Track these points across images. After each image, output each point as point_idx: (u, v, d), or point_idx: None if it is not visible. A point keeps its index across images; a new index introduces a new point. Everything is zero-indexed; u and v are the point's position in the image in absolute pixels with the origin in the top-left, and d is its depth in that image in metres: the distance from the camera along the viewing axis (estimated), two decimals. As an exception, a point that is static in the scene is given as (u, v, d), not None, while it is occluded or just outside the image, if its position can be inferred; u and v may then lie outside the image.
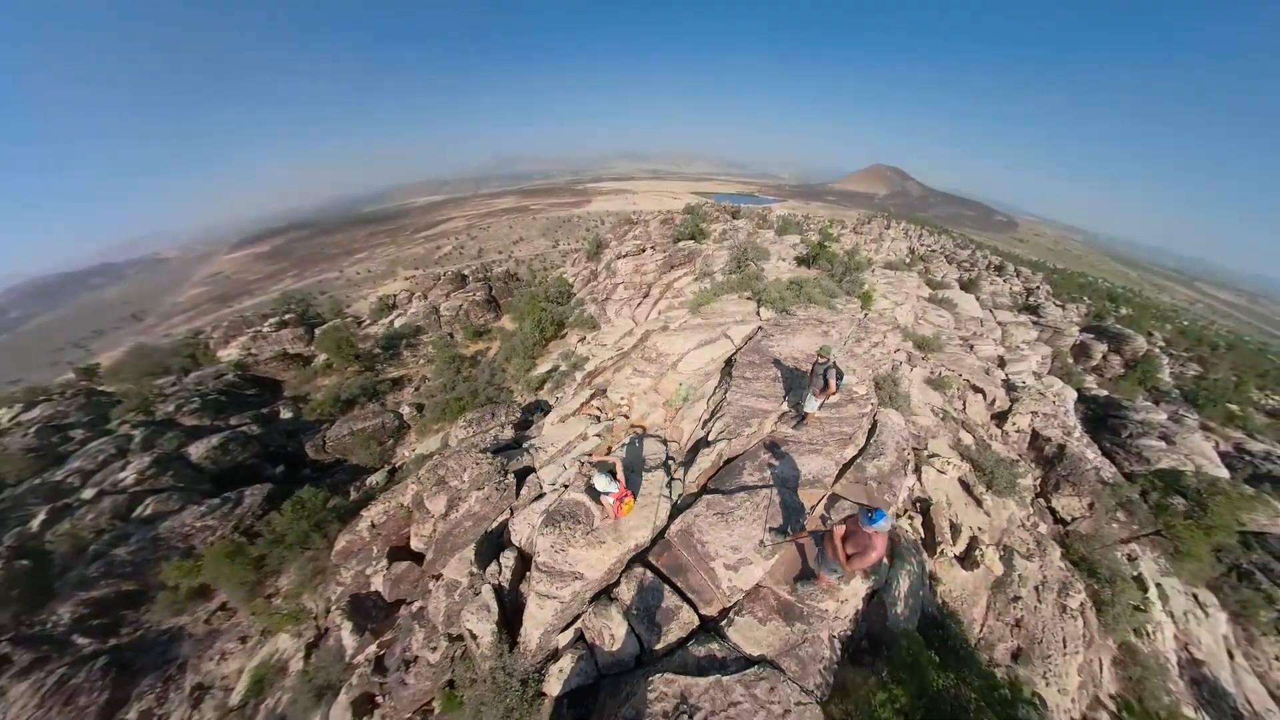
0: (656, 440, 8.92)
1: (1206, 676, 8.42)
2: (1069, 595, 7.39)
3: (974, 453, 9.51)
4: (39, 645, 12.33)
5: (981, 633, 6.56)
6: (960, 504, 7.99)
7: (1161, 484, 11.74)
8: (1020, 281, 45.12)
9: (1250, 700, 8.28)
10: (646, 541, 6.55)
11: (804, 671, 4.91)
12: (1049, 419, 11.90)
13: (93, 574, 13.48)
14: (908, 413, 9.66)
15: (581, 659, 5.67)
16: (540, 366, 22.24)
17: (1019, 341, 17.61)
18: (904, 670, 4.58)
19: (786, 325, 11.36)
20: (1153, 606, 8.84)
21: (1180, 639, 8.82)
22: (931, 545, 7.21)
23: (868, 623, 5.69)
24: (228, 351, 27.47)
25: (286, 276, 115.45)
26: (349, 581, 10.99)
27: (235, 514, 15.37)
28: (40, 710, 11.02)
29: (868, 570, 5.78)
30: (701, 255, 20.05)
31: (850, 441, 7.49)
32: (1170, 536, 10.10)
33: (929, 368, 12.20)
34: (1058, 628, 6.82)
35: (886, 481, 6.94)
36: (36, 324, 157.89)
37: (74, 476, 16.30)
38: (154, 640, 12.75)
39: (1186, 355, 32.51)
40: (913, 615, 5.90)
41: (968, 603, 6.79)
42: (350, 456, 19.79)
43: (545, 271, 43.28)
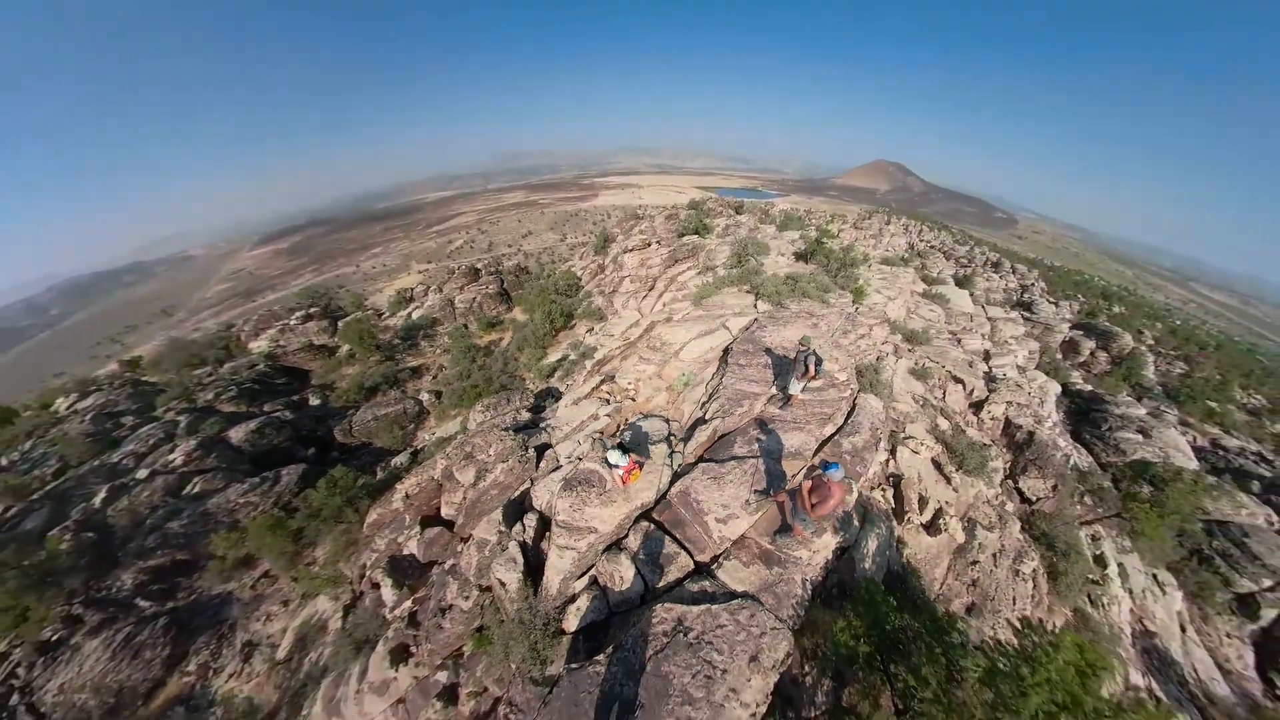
0: (660, 420, 9.61)
1: (1158, 647, 8.97)
2: (1023, 562, 7.93)
3: (948, 436, 9.99)
4: (107, 607, 13.41)
5: (940, 590, 7.13)
6: (931, 480, 8.50)
7: (1131, 473, 12.27)
8: (1016, 278, 44.83)
9: (1197, 670, 8.85)
10: (651, 501, 7.30)
11: (779, 604, 5.66)
12: (1022, 409, 12.35)
13: (150, 545, 14.52)
14: (888, 399, 10.15)
15: (595, 599, 6.40)
16: (551, 356, 22.82)
17: (1007, 337, 17.92)
18: (862, 606, 5.19)
19: (779, 317, 11.84)
20: (1111, 583, 9.34)
21: (1136, 613, 9.35)
22: (900, 514, 7.78)
23: (839, 574, 6.35)
24: (258, 343, 28.52)
25: (306, 271, 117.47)
26: (383, 549, 11.80)
27: (274, 491, 16.33)
28: (112, 663, 12.08)
29: (833, 522, 6.42)
30: (704, 250, 20.40)
31: (829, 421, 8.16)
32: (1129, 518, 10.61)
33: (914, 359, 12.62)
34: (1009, 588, 7.39)
35: (859, 455, 7.65)
36: (75, 320, 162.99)
37: (128, 458, 17.38)
38: (207, 603, 13.77)
39: (1174, 354, 32.67)
40: (879, 570, 6.52)
41: (930, 564, 7.35)
42: (375, 440, 20.68)
43: (554, 265, 43.80)
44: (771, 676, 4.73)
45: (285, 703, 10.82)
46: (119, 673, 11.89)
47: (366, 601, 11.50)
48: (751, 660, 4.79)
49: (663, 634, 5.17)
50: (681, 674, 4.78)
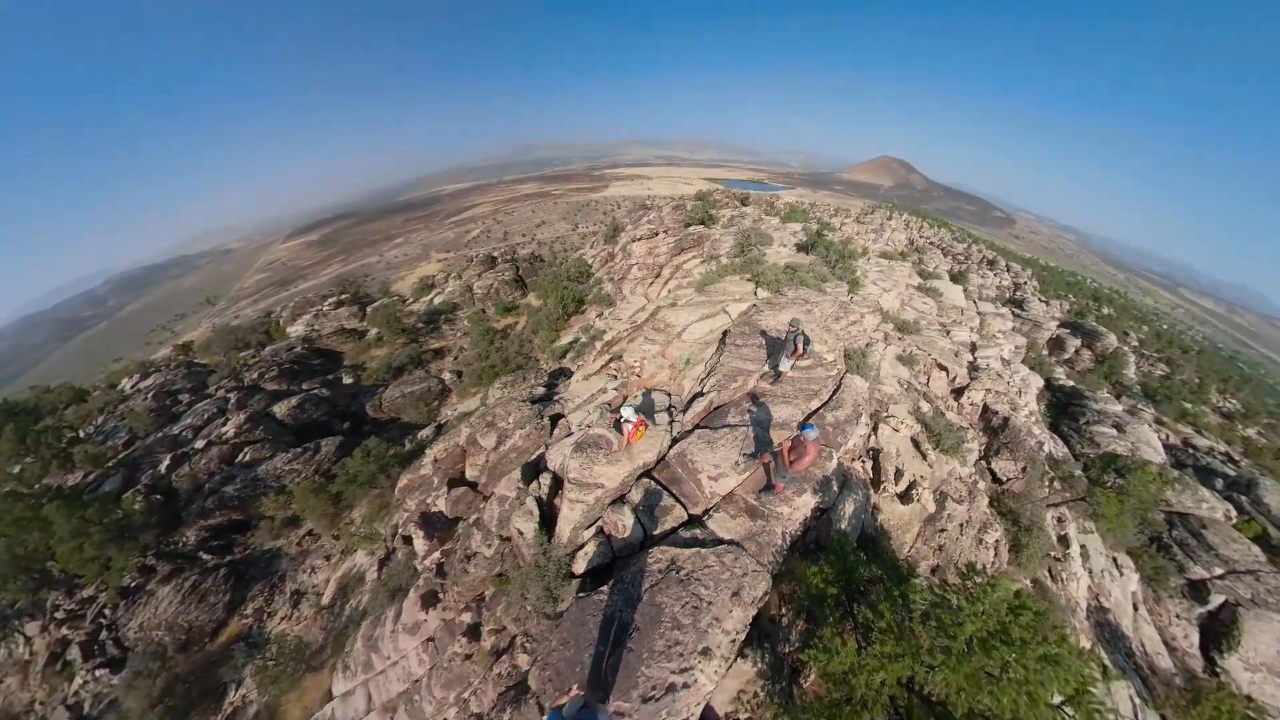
0: (663, 393, 10.15)
1: (1110, 621, 9.28)
2: (987, 532, 8.23)
3: (928, 418, 10.21)
4: (175, 559, 14.65)
5: (909, 552, 7.45)
6: (908, 456, 8.78)
7: (1101, 464, 12.64)
8: (1010, 276, 43.82)
9: (1144, 644, 9.22)
10: (653, 461, 7.80)
11: (761, 551, 6.05)
12: (1000, 396, 12.50)
13: (209, 506, 15.70)
14: (874, 381, 10.41)
15: (601, 545, 6.92)
16: (563, 338, 23.25)
17: (995, 331, 17.88)
18: (834, 556, 5.55)
19: (776, 303, 12.08)
20: (1072, 561, 9.61)
21: (1093, 590, 9.62)
22: (877, 484, 8.10)
23: (817, 531, 6.73)
24: (295, 328, 29.72)
25: (334, 261, 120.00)
26: (413, 509, 12.55)
27: (315, 460, 17.36)
28: (182, 606, 13.28)
29: (811, 483, 6.78)
30: (709, 240, 20.35)
31: (816, 396, 8.53)
32: (1091, 502, 10.90)
33: (903, 347, 12.78)
34: (972, 554, 7.70)
35: (840, 427, 7.98)
36: (130, 310, 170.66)
37: (187, 430, 18.63)
38: (259, 557, 14.92)
39: (1157, 356, 32.57)
40: (854, 531, 6.84)
41: (901, 529, 7.69)
42: (402, 415, 21.62)
43: (566, 253, 43.99)
44: (751, 610, 5.18)
45: (329, 642, 11.81)
46: (188, 614, 13.09)
47: (399, 555, 12.33)
48: (734, 595, 5.25)
49: (658, 571, 5.66)
50: (673, 604, 5.25)
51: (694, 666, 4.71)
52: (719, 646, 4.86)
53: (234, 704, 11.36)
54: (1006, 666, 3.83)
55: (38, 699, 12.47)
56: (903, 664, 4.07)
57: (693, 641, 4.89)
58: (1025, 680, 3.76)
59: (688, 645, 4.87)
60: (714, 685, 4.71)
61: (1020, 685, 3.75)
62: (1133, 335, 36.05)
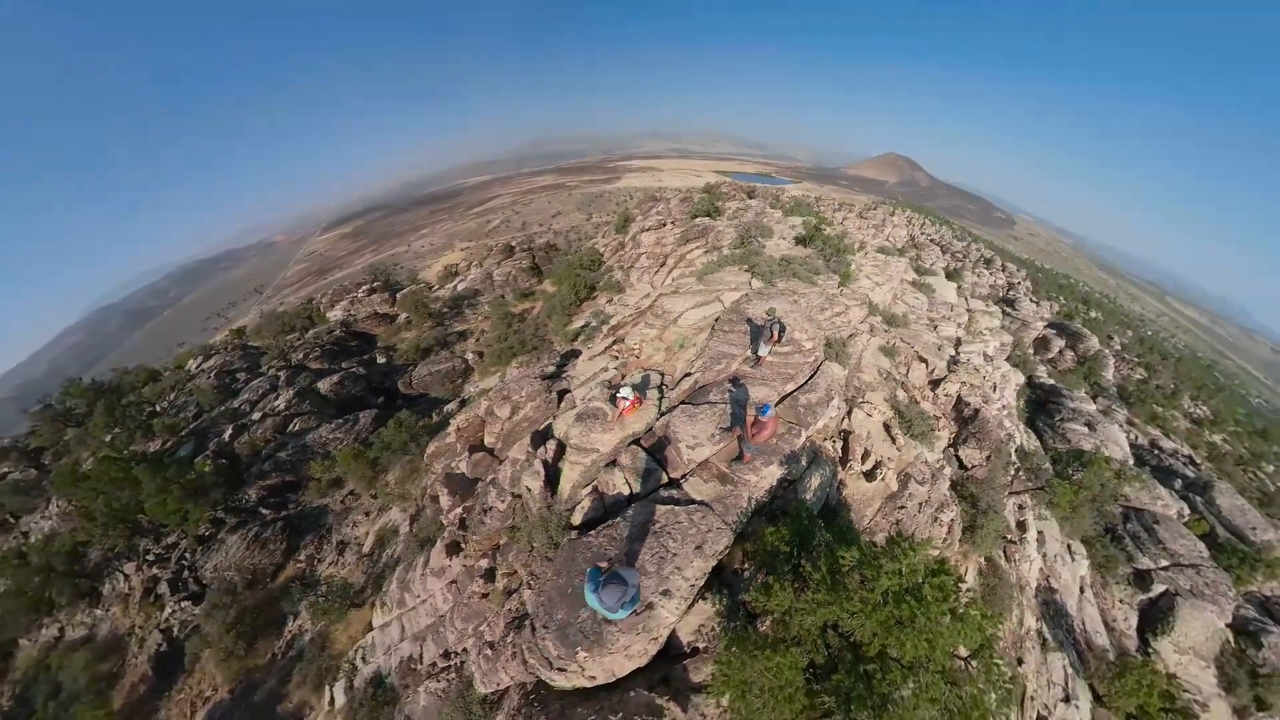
0: (656, 373, 10.55)
1: (1056, 601, 9.55)
2: (943, 512, 8.36)
3: (902, 405, 10.28)
4: (240, 513, 16.06)
5: (867, 525, 7.73)
6: (878, 439, 8.93)
7: (1069, 458, 12.79)
8: (1005, 276, 42.21)
9: (1085, 623, 9.48)
10: (642, 431, 8.31)
11: (727, 511, 6.45)
12: (975, 389, 12.40)
13: (266, 469, 17.02)
14: (852, 369, 10.49)
15: (595, 501, 7.48)
16: (575, 322, 23.64)
17: (982, 328, 17.39)
18: (791, 519, 6.01)
19: (766, 293, 12.17)
20: (1028, 545, 9.73)
21: (1044, 572, 9.81)
22: (845, 462, 8.36)
23: (782, 499, 7.07)
24: (334, 313, 30.99)
25: (366, 251, 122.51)
26: (439, 472, 13.45)
27: (354, 430, 18.51)
28: (247, 552, 14.64)
29: (778, 456, 7.17)
30: (714, 231, 20.18)
31: (792, 379, 8.78)
32: (1049, 491, 10.98)
33: (887, 339, 12.68)
34: (926, 530, 7.89)
35: (811, 409, 8.19)
36: (188, 300, 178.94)
37: (245, 404, 19.99)
38: (309, 513, 16.22)
39: (1137, 360, 31.90)
40: (818, 502, 7.13)
41: (863, 504, 7.96)
42: (430, 391, 22.63)
43: (580, 242, 44.05)
44: (711, 561, 5.70)
45: (369, 583, 12.96)
46: (252, 558, 14.46)
47: (428, 512, 13.29)
48: (697, 548, 5.77)
49: (636, 524, 6.23)
50: (645, 552, 5.83)
51: (656, 602, 5.32)
52: (678, 589, 5.46)
53: (292, 632, 12.69)
54: (914, 617, 4.24)
55: (137, 624, 14.12)
56: (830, 610, 4.55)
57: (655, 585, 5.50)
58: (928, 630, 4.18)
59: (651, 586, 5.50)
60: (674, 618, 5.33)
61: (922, 634, 4.17)
62: (1116, 339, 35.47)
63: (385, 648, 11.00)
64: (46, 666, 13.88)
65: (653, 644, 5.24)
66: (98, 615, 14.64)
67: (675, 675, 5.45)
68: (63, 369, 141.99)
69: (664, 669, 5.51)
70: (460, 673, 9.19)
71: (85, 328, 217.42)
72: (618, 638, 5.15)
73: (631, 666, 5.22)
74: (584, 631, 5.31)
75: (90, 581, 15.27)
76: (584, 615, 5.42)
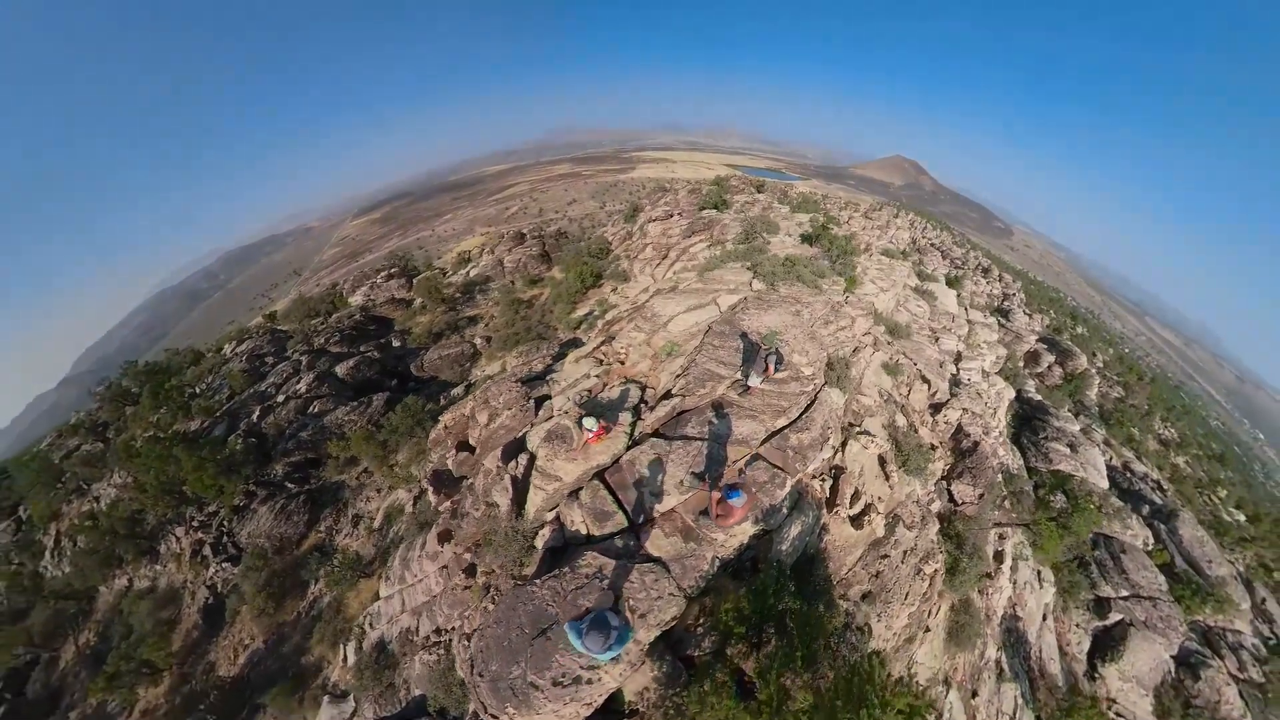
0: (637, 386, 9.13)
1: (1018, 629, 8.83)
2: (928, 562, 7.35)
3: (900, 435, 9.00)
4: (269, 487, 15.95)
5: (846, 574, 6.69)
6: (871, 475, 7.69)
7: (1052, 481, 11.51)
8: (1001, 286, 38.82)
9: (1042, 650, 8.82)
10: (607, 464, 7.20)
11: (684, 574, 5.54)
12: (975, 418, 11.10)
13: (290, 447, 16.76)
14: (852, 392, 8.97)
15: (555, 531, 6.77)
16: (580, 310, 22.32)
17: (981, 341, 15.54)
18: (754, 595, 5.06)
19: (766, 300, 10.30)
20: (1002, 575, 8.88)
21: (1012, 600, 9.03)
22: (832, 504, 7.16)
23: (756, 550, 6.02)
24: (355, 298, 29.94)
25: (394, 236, 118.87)
26: (436, 460, 12.98)
27: (367, 412, 18.05)
28: (275, 522, 14.62)
29: (754, 514, 6.02)
30: (719, 225, 18.20)
31: (784, 414, 7.28)
32: (1035, 531, 10.00)
33: (890, 354, 11.03)
34: (908, 584, 6.87)
35: (802, 453, 6.73)
36: (236, 282, 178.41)
37: (271, 387, 19.52)
38: (329, 488, 16.09)
39: (1117, 379, 29.64)
40: (795, 552, 6.07)
41: (845, 551, 6.90)
42: (440, 374, 21.95)
43: (592, 230, 41.55)
44: (654, 631, 4.91)
45: (378, 556, 12.89)
46: (279, 528, 14.46)
47: (428, 496, 12.97)
48: (641, 616, 4.99)
49: (585, 575, 5.45)
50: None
51: (600, 668, 4.64)
52: (626, 654, 4.72)
53: (313, 595, 12.81)
54: None
55: (188, 579, 14.43)
56: None
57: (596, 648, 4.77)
58: None
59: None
60: (616, 684, 4.66)
61: None
62: (1099, 356, 33.18)
63: (388, 617, 10.97)
64: (120, 611, 14.41)
65: (585, 708, 4.62)
66: (157, 570, 15.01)
67: None
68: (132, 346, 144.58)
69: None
70: (448, 650, 9.05)
71: (149, 308, 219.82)
72: (545, 704, 4.54)
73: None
74: (513, 689, 4.73)
75: (149, 541, 15.56)
76: (515, 672, 4.79)
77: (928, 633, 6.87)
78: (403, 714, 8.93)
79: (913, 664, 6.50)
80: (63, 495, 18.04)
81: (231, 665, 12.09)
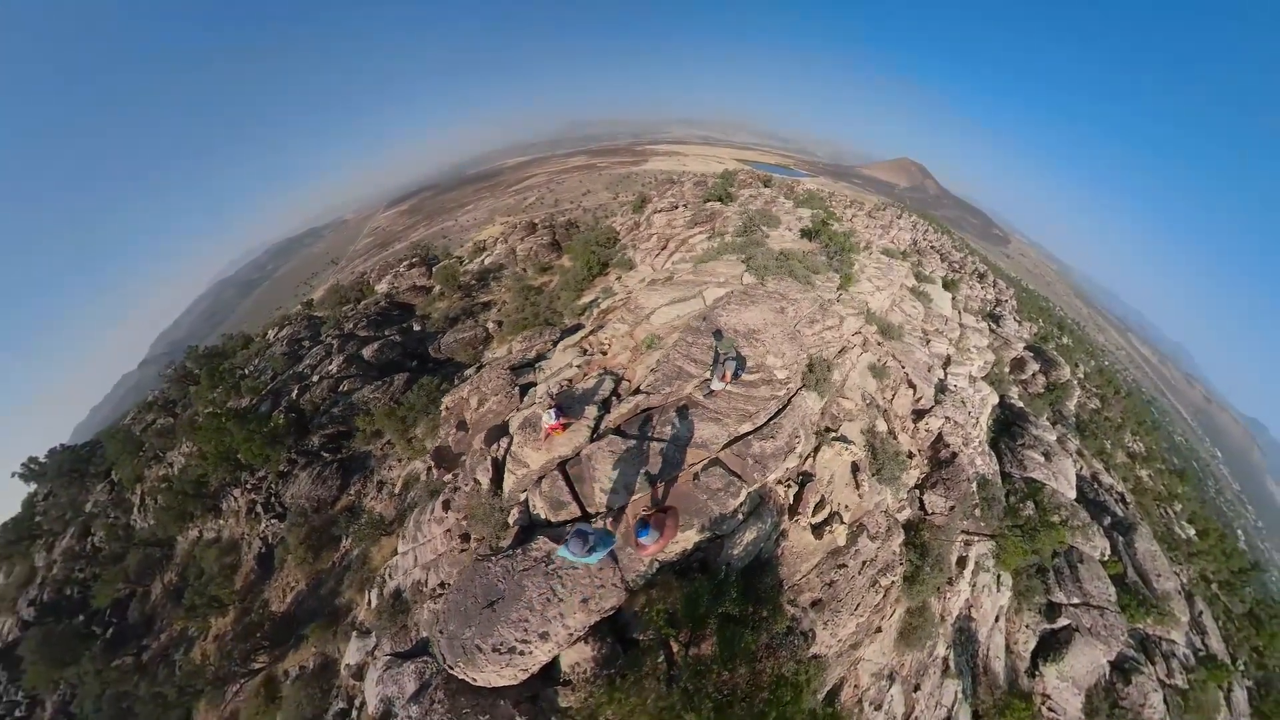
0: (612, 379, 8.43)
1: (970, 628, 8.32)
2: (886, 575, 6.56)
3: (879, 441, 8.08)
4: (307, 456, 16.36)
5: (798, 581, 6.02)
6: (841, 483, 6.91)
7: (1024, 489, 10.64)
8: (994, 292, 35.35)
9: (989, 649, 8.36)
10: (569, 455, 6.84)
11: (628, 568, 5.25)
12: (957, 427, 9.90)
13: (324, 422, 17.06)
14: (832, 396, 7.93)
15: (522, 514, 6.55)
16: (585, 298, 21.43)
17: (971, 346, 13.72)
18: (687, 601, 4.74)
19: (750, 296, 9.13)
20: (963, 579, 8.25)
21: (969, 602, 8.45)
22: (794, 511, 6.35)
23: (705, 553, 5.58)
24: (381, 285, 29.63)
25: (420, 226, 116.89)
26: (443, 437, 12.98)
27: (389, 390, 18.12)
28: (313, 486, 15.06)
29: (704, 520, 5.51)
30: (721, 217, 16.61)
31: (749, 419, 6.47)
32: (1000, 545, 9.20)
33: (878, 355, 9.84)
34: (860, 595, 6.18)
35: (763, 462, 6.01)
36: (282, 272, 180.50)
37: (307, 368, 19.73)
38: (358, 457, 16.43)
39: (1095, 390, 27.31)
40: (748, 556, 5.60)
41: (801, 558, 6.18)
42: (455, 356, 21.74)
43: (603, 220, 39.68)
44: (594, 617, 4.72)
45: (397, 518, 13.24)
46: (316, 491, 14.94)
47: (432, 469, 13.09)
48: (583, 601, 4.80)
49: (534, 559, 5.26)
50: (533, 590, 4.92)
51: (532, 642, 4.52)
52: (556, 635, 4.61)
53: (344, 548, 13.33)
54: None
55: (245, 532, 15.26)
56: None
57: (537, 624, 4.63)
58: None
59: (532, 626, 4.66)
60: (547, 658, 4.55)
61: None
62: (1081, 367, 30.65)
63: (404, 570, 11.30)
64: (193, 556, 15.42)
65: (521, 673, 4.59)
66: (220, 524, 15.89)
67: (546, 697, 4.87)
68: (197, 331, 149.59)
69: (539, 688, 4.95)
70: (449, 601, 9.26)
71: (210, 296, 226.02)
72: (487, 665, 4.56)
73: (502, 684, 4.68)
74: (464, 648, 4.80)
75: (213, 500, 16.40)
76: (467, 634, 4.79)
77: (879, 633, 6.38)
78: (411, 651, 9.29)
79: (858, 662, 6.14)
80: (144, 462, 19.09)
81: (281, 602, 12.89)
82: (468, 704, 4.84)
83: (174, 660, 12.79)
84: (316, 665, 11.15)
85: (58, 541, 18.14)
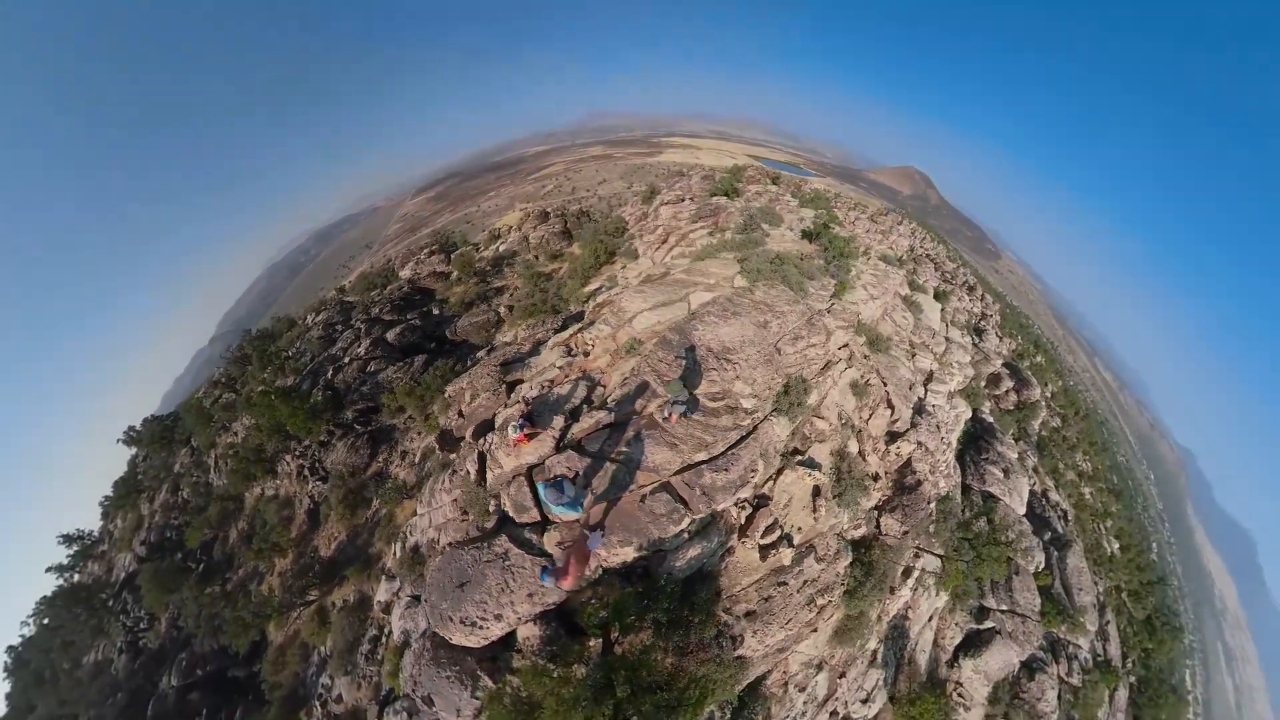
0: (587, 384, 7.80)
1: (904, 626, 8.07)
2: (824, 595, 6.07)
3: (846, 464, 7.42)
4: (343, 428, 16.83)
5: (737, 593, 5.73)
6: (798, 506, 6.38)
7: (981, 504, 10.02)
8: (981, 305, 31.32)
9: (917, 644, 8.16)
10: (535, 462, 6.65)
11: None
12: (927, 454, 8.97)
13: (355, 398, 17.38)
14: (805, 418, 7.19)
15: (498, 507, 6.50)
16: (591, 286, 20.45)
17: (954, 361, 12.26)
18: (615, 608, 4.77)
19: (734, 306, 8.02)
20: (905, 587, 7.80)
21: (908, 604, 8.09)
22: (745, 531, 5.98)
23: (649, 561, 5.42)
24: (404, 271, 29.19)
25: (445, 213, 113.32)
26: (445, 421, 13.09)
27: (410, 370, 18.18)
28: (348, 453, 15.53)
29: (635, 528, 5.23)
30: (724, 212, 14.91)
31: (705, 449, 5.91)
32: (945, 567, 8.65)
33: (862, 371, 8.81)
34: (794, 612, 5.75)
35: (711, 494, 5.56)
36: (323, 256, 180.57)
37: (339, 350, 19.94)
38: (385, 430, 16.83)
39: (1059, 410, 25.08)
40: (689, 569, 5.41)
41: (743, 573, 5.87)
42: (469, 339, 21.49)
43: (616, 209, 37.43)
44: (537, 608, 4.84)
45: (416, 484, 13.74)
46: (351, 458, 15.47)
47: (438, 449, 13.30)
48: (529, 595, 4.90)
49: (495, 553, 5.35)
50: (493, 580, 5.04)
51: (489, 620, 4.81)
52: (507, 617, 4.88)
53: (375, 508, 14.04)
54: None
55: (296, 491, 16.21)
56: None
57: (493, 607, 4.78)
58: None
59: (489, 608, 4.91)
60: (501, 634, 4.90)
61: None
62: (1049, 387, 28.21)
63: (420, 529, 11.75)
64: (257, 509, 16.62)
65: (483, 641, 4.99)
66: (277, 484, 16.88)
67: (503, 659, 5.11)
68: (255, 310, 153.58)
69: (499, 651, 5.16)
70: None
71: (265, 279, 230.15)
72: (456, 632, 5.05)
73: (469, 645, 5.07)
74: (441, 616, 5.27)
75: (271, 464, 17.33)
76: (444, 606, 5.21)
77: (815, 632, 6.12)
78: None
79: (789, 654, 5.95)
80: (215, 431, 20.17)
81: (327, 549, 13.89)
82: (445, 655, 5.32)
83: (250, 590, 14.24)
84: (356, 600, 12.14)
85: (156, 496, 19.89)
